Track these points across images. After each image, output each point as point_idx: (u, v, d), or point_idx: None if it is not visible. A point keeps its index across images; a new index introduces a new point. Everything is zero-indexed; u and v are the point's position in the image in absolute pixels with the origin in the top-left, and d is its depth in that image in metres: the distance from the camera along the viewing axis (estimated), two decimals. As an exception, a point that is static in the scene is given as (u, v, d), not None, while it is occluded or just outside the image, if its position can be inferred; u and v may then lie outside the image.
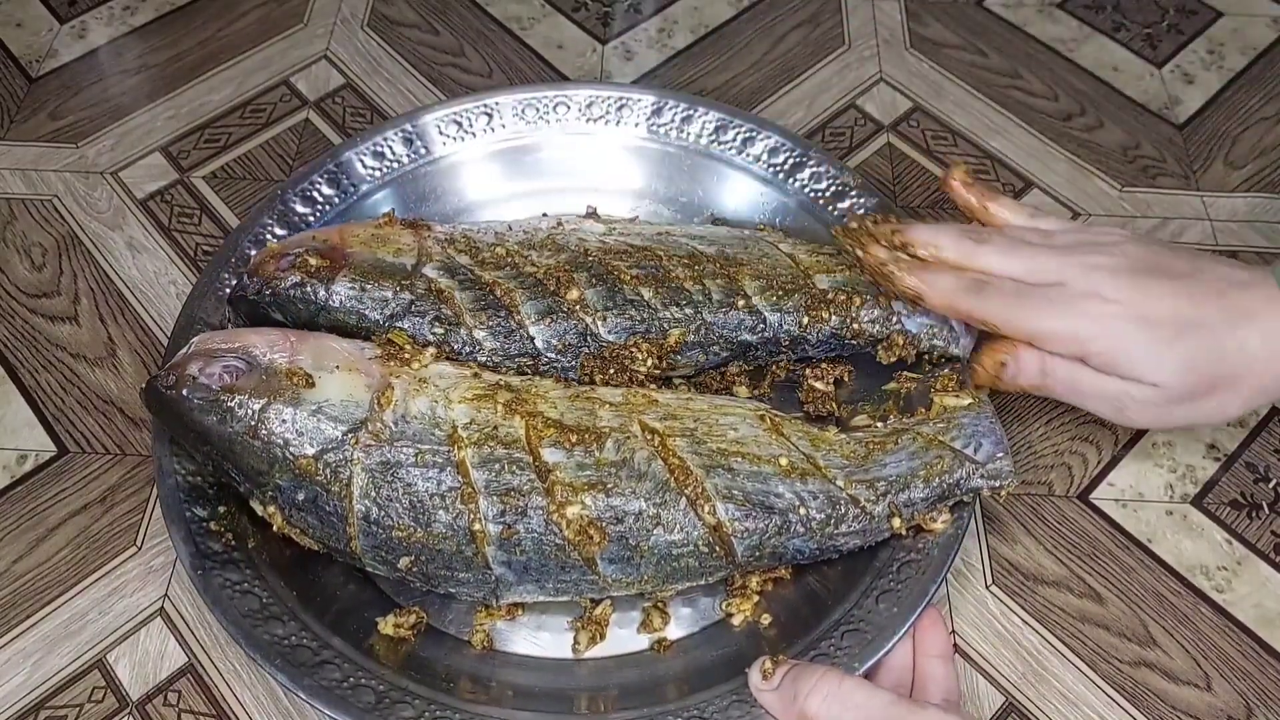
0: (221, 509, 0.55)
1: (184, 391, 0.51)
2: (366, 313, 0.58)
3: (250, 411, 0.51)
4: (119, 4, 0.85)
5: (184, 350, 0.53)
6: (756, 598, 0.54)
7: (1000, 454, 0.53)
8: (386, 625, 0.53)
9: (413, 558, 0.52)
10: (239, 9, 0.85)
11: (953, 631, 0.56)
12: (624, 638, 0.55)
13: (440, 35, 0.83)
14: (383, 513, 0.51)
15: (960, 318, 0.57)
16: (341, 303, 0.58)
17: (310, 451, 0.51)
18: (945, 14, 0.85)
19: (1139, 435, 0.63)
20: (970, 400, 0.56)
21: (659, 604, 0.55)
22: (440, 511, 0.51)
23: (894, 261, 0.56)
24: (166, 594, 0.57)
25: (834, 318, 0.59)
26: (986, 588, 0.58)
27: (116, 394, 0.64)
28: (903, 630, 0.51)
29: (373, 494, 0.51)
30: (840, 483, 0.53)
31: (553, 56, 0.82)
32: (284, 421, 0.51)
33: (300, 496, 0.51)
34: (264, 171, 0.74)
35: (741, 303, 0.59)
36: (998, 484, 0.53)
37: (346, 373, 0.53)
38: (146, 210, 0.72)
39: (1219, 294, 0.52)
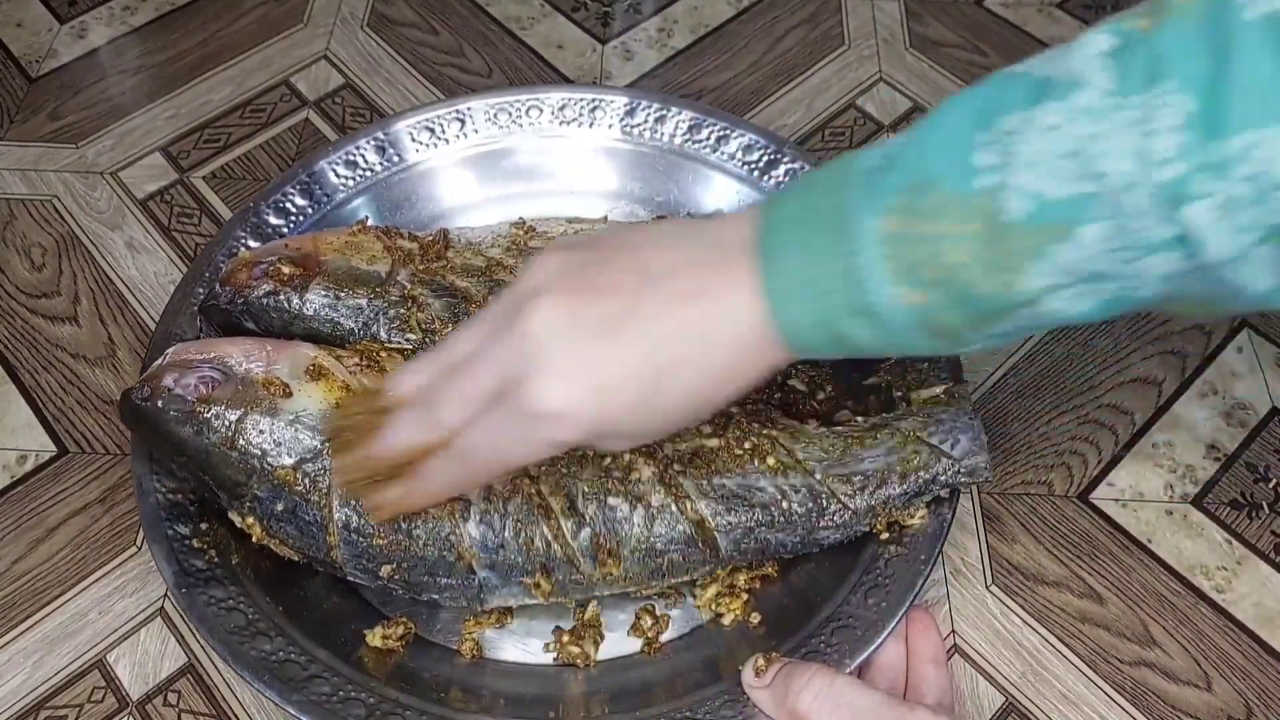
0: (204, 526, 0.54)
1: (159, 403, 0.51)
2: (340, 320, 0.57)
3: (227, 422, 0.51)
4: (119, 4, 0.85)
5: (159, 361, 0.53)
6: (745, 596, 0.54)
7: (976, 450, 0.53)
8: (374, 637, 0.53)
9: (395, 565, 0.51)
10: (239, 9, 0.85)
11: (952, 631, 0.56)
12: (614, 641, 0.54)
13: (440, 35, 0.83)
14: (363, 521, 0.51)
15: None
16: (315, 311, 0.57)
17: (289, 461, 0.51)
18: (945, 13, 0.85)
19: (1139, 435, 0.63)
20: (949, 395, 0.56)
21: (649, 607, 0.55)
22: (420, 517, 0.51)
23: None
24: (166, 594, 0.57)
25: None
26: (986, 588, 0.58)
27: (116, 394, 0.64)
28: (891, 625, 0.51)
29: (353, 502, 0.51)
30: (819, 476, 0.53)
31: (552, 57, 0.82)
32: (261, 432, 0.51)
33: (279, 507, 0.51)
34: (264, 171, 0.74)
35: None
36: (973, 480, 0.53)
37: (324, 381, 0.52)
38: (146, 210, 0.72)
39: (678, 309, 0.42)
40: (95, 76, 0.80)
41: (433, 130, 0.69)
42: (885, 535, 0.54)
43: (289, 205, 0.66)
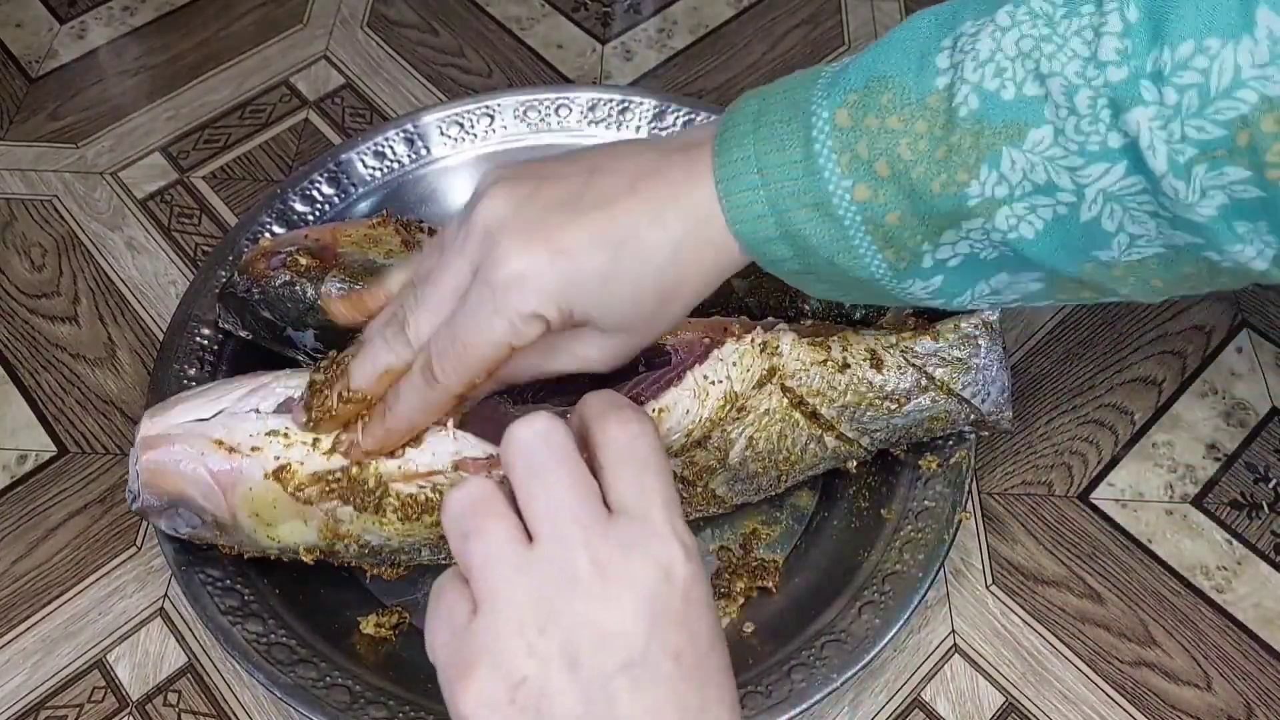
0: None
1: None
2: None
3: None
4: (119, 4, 0.85)
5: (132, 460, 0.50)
6: (742, 600, 0.54)
7: (1004, 404, 0.55)
8: (368, 624, 0.53)
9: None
10: (239, 9, 0.85)
11: (953, 631, 0.56)
12: None
13: (440, 36, 0.83)
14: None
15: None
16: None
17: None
18: (945, 14, 0.85)
19: (1139, 435, 0.63)
20: (981, 325, 0.54)
21: None
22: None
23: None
24: (166, 594, 0.57)
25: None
26: (986, 588, 0.58)
27: (116, 394, 0.64)
28: (884, 641, 0.51)
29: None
30: (844, 428, 0.53)
31: (552, 56, 0.82)
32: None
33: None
34: (264, 172, 0.74)
35: (733, 298, 0.59)
36: (994, 432, 0.55)
37: (291, 523, 0.49)
38: (146, 210, 0.72)
39: (631, 190, 0.42)
40: (95, 77, 0.80)
41: (462, 125, 0.69)
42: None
43: (315, 193, 0.66)
